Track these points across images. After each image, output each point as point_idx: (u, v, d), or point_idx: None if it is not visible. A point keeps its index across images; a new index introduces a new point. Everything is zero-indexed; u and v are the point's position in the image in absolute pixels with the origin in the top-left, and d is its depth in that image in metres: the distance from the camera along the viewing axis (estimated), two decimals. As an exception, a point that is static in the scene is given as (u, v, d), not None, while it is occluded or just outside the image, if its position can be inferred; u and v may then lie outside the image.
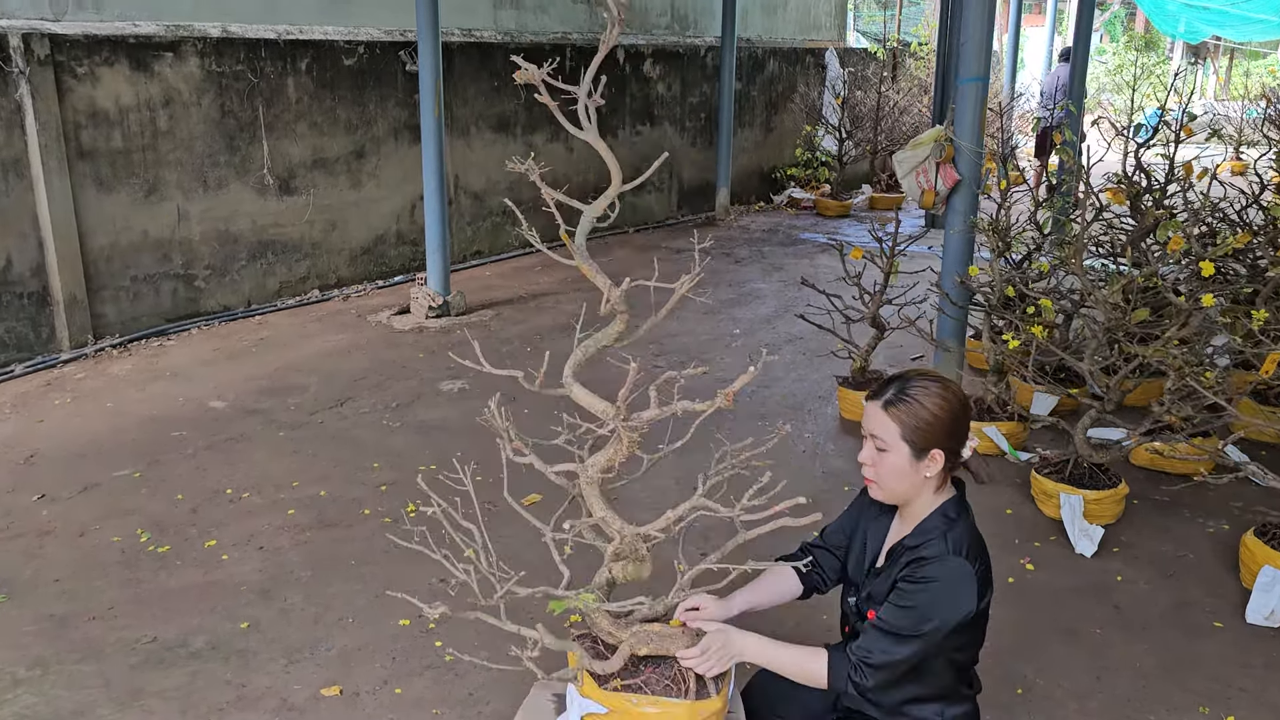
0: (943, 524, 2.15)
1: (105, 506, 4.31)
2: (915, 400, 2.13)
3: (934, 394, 2.13)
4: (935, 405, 2.12)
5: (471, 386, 5.83)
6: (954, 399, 2.16)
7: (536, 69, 2.06)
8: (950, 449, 2.15)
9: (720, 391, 2.14)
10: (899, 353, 6.42)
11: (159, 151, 6.58)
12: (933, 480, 2.17)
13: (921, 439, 2.12)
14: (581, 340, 2.27)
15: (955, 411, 2.15)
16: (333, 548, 4.00)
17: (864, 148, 12.14)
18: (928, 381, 2.18)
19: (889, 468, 2.17)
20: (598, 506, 2.24)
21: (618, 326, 2.21)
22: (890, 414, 2.15)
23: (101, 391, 5.68)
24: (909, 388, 2.16)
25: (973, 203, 5.36)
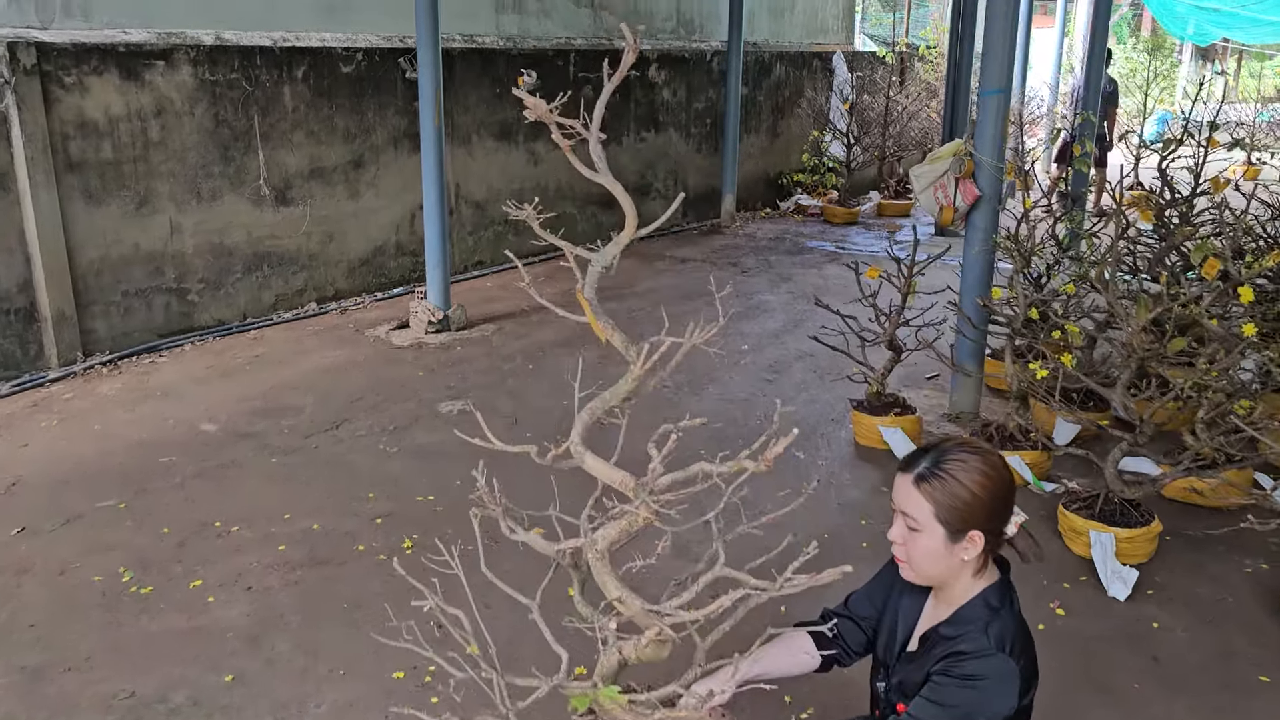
0: (984, 614, 1.95)
1: (88, 541, 4.12)
2: (951, 476, 1.92)
3: (972, 469, 1.93)
4: (974, 482, 1.92)
5: (472, 407, 5.62)
6: (995, 474, 1.95)
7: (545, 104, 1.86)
8: (991, 530, 1.95)
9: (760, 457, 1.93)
10: (913, 370, 6.21)
11: (150, 163, 6.38)
12: (971, 563, 1.97)
13: (958, 519, 1.92)
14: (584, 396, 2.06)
15: (997, 489, 1.94)
16: (324, 588, 3.80)
17: (872, 153, 11.93)
18: (965, 454, 1.97)
19: (922, 549, 1.97)
20: (611, 584, 2.03)
21: (628, 384, 2.01)
22: (923, 491, 1.95)
23: (89, 413, 5.48)
24: (944, 461, 1.95)
25: (994, 220, 5.16)
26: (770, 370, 6.32)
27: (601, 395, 2.03)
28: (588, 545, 2.05)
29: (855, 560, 4.14)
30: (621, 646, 2.12)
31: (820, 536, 4.21)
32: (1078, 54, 18.59)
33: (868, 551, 4.11)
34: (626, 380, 2.01)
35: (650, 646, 2.06)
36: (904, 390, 5.87)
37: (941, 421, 5.44)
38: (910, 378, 6.12)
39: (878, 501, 4.56)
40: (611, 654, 2.11)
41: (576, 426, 2.02)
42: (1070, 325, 4.35)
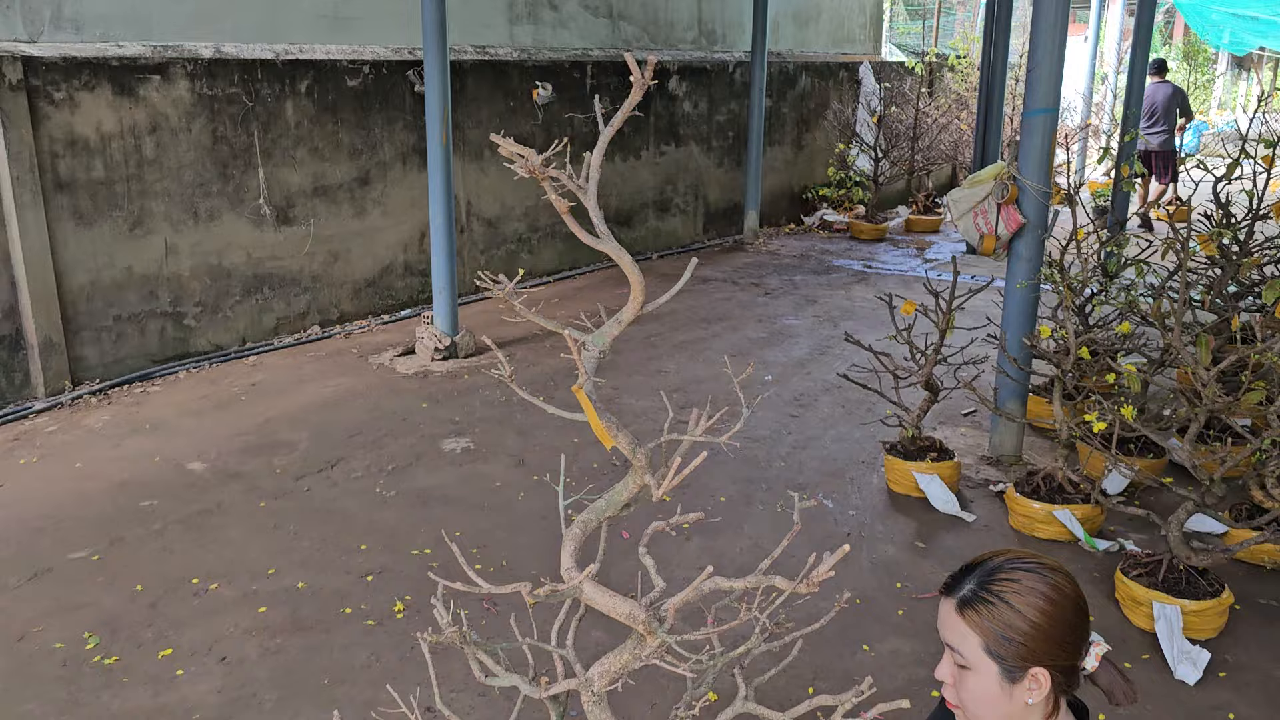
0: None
1: (54, 599, 3.80)
2: (1001, 600, 1.53)
3: (1029, 589, 1.53)
4: (1032, 606, 1.52)
5: (477, 445, 5.28)
6: (1059, 595, 1.54)
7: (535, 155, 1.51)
8: (1060, 666, 1.55)
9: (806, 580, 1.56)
10: (949, 405, 5.81)
11: (145, 181, 6.08)
12: (1039, 706, 1.58)
13: (1015, 655, 1.52)
14: (570, 503, 1.71)
15: (1063, 613, 1.54)
16: (306, 659, 3.46)
17: (900, 166, 11.53)
18: (1019, 570, 1.56)
19: (975, 693, 1.57)
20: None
21: (630, 489, 1.65)
22: (968, 619, 1.55)
23: (72, 448, 5.18)
24: (992, 581, 1.56)
25: (1040, 249, 4.77)
26: (795, 404, 5.95)
27: (595, 504, 1.67)
28: (582, 686, 1.69)
29: (890, 633, 3.79)
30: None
31: (851, 602, 3.82)
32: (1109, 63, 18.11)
33: (904, 621, 3.73)
34: (626, 486, 1.65)
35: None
36: (939, 428, 5.48)
37: (981, 465, 5.05)
38: (945, 413, 5.72)
39: (914, 560, 4.17)
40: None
41: (566, 546, 1.65)
42: (1128, 367, 3.95)
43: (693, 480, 4.85)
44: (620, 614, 1.61)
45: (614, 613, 1.61)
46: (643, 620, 1.60)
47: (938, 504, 4.57)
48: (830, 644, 3.58)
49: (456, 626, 1.85)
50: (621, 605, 1.61)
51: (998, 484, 4.81)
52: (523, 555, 4.10)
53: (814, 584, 1.50)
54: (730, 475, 4.95)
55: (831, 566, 1.52)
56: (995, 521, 4.49)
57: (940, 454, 4.74)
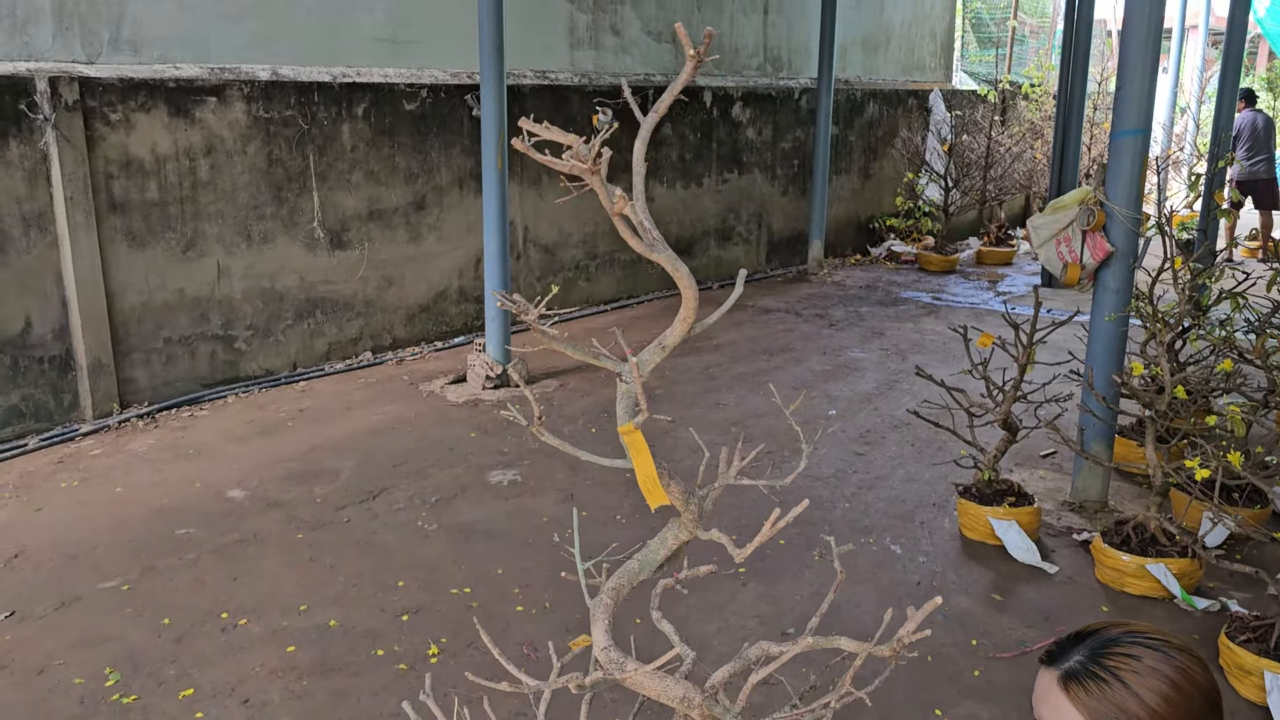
0: None
1: (79, 631, 3.64)
2: (1117, 679, 1.29)
3: (1151, 670, 1.29)
4: (1154, 692, 1.27)
5: (525, 478, 5.07)
6: (1188, 684, 1.29)
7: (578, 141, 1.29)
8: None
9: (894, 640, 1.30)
10: (1026, 445, 5.44)
11: (199, 203, 6.02)
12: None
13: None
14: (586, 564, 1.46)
15: (1189, 706, 1.28)
16: (331, 705, 3.24)
17: (971, 196, 11.15)
18: (1141, 647, 1.31)
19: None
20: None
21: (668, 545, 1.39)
22: (1073, 696, 1.31)
23: (114, 472, 5.07)
24: (1108, 656, 1.31)
25: (1129, 280, 4.43)
26: (861, 441, 5.63)
27: (626, 566, 1.42)
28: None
29: (965, 696, 3.45)
30: None
31: (923, 659, 3.50)
32: (1189, 92, 17.50)
33: (980, 682, 3.39)
34: (663, 541, 1.39)
35: None
36: (1015, 470, 5.13)
37: (1063, 511, 4.68)
38: (1022, 454, 5.36)
39: (991, 615, 3.83)
40: None
41: (598, 622, 1.40)
42: (1233, 409, 3.59)
43: (749, 522, 4.57)
44: (673, 699, 1.35)
45: (665, 698, 1.36)
46: (699, 704, 1.33)
47: (1016, 553, 4.22)
48: (899, 708, 3.26)
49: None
50: (674, 689, 1.35)
51: (1082, 532, 4.44)
52: (567, 597, 3.85)
53: (902, 645, 1.24)
54: (791, 525, 4.64)
55: (919, 625, 1.25)
56: (1080, 574, 4.12)
57: (1019, 499, 4.40)
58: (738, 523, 4.54)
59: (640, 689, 1.36)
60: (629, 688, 1.37)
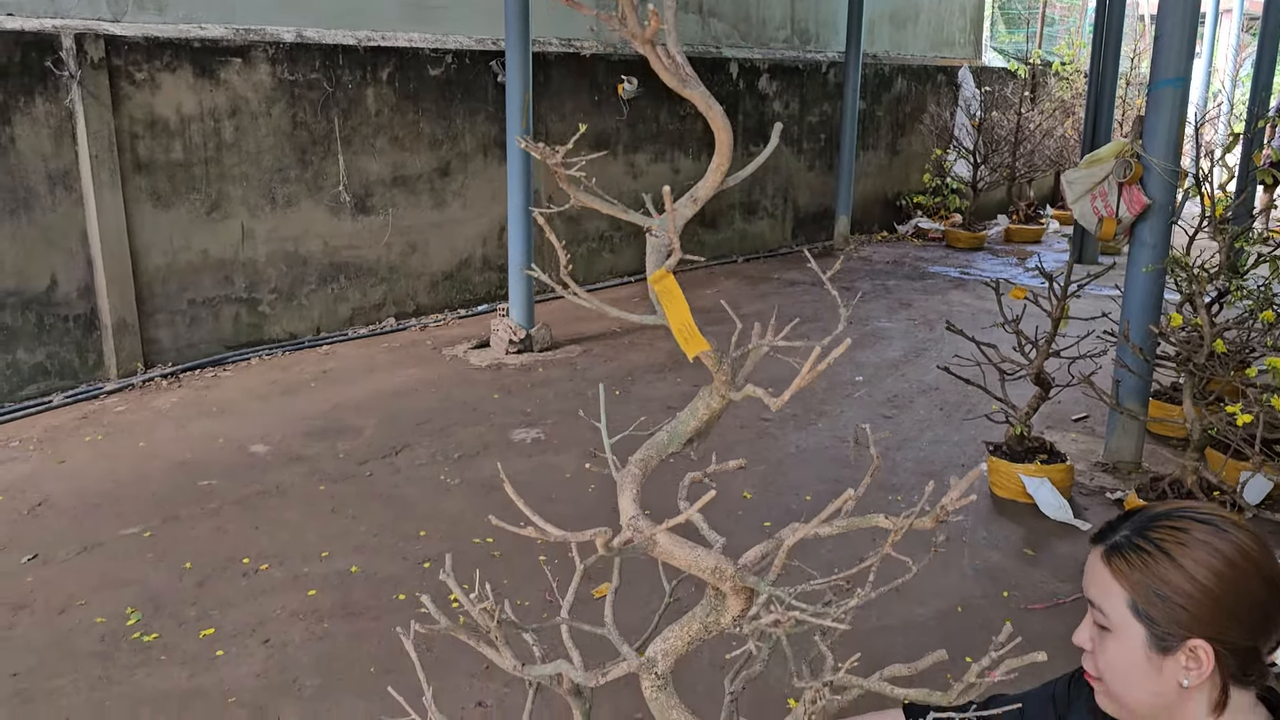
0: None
1: (101, 574, 3.63)
2: (1160, 550, 1.22)
3: (1200, 543, 1.21)
4: (1201, 565, 1.20)
5: (548, 436, 5.02)
6: (1241, 558, 1.21)
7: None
8: (1234, 646, 1.20)
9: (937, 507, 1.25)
10: (1057, 410, 5.35)
11: (223, 165, 6.01)
12: (1199, 693, 1.23)
13: (1169, 618, 1.21)
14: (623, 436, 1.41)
15: (1242, 581, 1.20)
16: (352, 646, 3.21)
17: (1000, 173, 10.99)
18: (1190, 520, 1.24)
19: (1114, 662, 1.27)
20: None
21: (699, 415, 1.33)
22: (1115, 569, 1.25)
23: (138, 428, 5.07)
24: (1153, 529, 1.25)
25: (1166, 234, 4.32)
26: (888, 404, 5.54)
27: (655, 438, 1.37)
28: (643, 669, 1.38)
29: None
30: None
31: (952, 610, 3.43)
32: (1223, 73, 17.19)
33: (1013, 632, 3.30)
34: (694, 412, 1.34)
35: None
36: (1047, 433, 5.03)
37: (1096, 472, 4.58)
38: (1053, 418, 5.26)
39: (1022, 568, 3.75)
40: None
41: (625, 491, 1.35)
42: (1273, 360, 3.48)
43: (777, 477, 4.50)
44: (704, 569, 1.30)
45: (696, 568, 1.30)
46: (731, 576, 1.28)
47: (1048, 510, 4.14)
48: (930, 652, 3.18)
49: (486, 606, 1.55)
50: (706, 559, 1.30)
51: (1115, 491, 4.34)
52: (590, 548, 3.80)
53: (945, 513, 1.18)
54: (817, 474, 4.58)
55: (960, 497, 1.19)
56: (1114, 531, 4.02)
57: (1051, 456, 4.31)
58: (763, 479, 4.48)
59: (670, 559, 1.30)
60: (657, 557, 1.32)
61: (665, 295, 1.24)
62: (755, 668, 1.66)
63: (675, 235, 1.23)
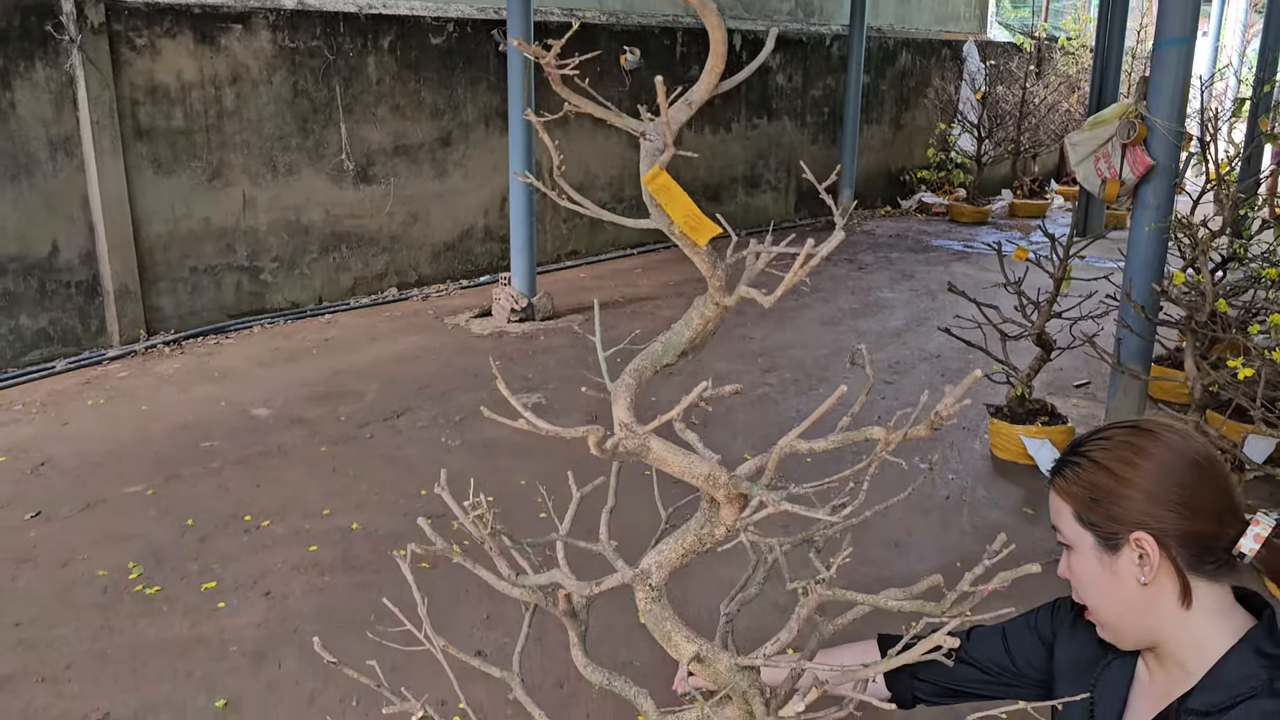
0: (1258, 665, 1.20)
1: (103, 529, 3.65)
2: (1088, 459, 1.27)
3: (1121, 444, 1.25)
4: (1121, 461, 1.24)
5: (550, 400, 5.03)
6: (1163, 450, 1.24)
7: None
8: (1175, 533, 1.22)
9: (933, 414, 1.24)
10: (1059, 377, 5.36)
11: (224, 133, 6.00)
12: (1162, 589, 1.24)
13: (1104, 516, 1.24)
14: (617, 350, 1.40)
15: (1168, 470, 1.23)
16: (352, 598, 3.23)
17: (1005, 147, 10.94)
18: (1115, 429, 1.29)
19: (1081, 578, 1.31)
20: (679, 636, 1.36)
21: (693, 325, 1.33)
22: (1058, 489, 1.31)
23: (140, 392, 5.08)
24: (1084, 443, 1.30)
25: (1169, 196, 4.30)
26: (890, 370, 5.54)
27: (649, 349, 1.36)
28: (637, 580, 1.38)
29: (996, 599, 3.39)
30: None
31: (951, 565, 3.44)
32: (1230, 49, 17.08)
33: (1011, 588, 3.31)
34: (688, 322, 1.33)
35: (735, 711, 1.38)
36: (1049, 399, 5.02)
37: (1096, 434, 4.57)
38: (1055, 385, 5.26)
39: (1022, 526, 3.76)
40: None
41: (619, 399, 1.34)
42: (1276, 317, 3.47)
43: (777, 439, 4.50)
44: (698, 475, 1.30)
45: (689, 474, 1.30)
46: (725, 483, 1.28)
47: (1048, 472, 4.13)
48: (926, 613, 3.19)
49: (480, 517, 1.55)
50: (699, 466, 1.29)
51: (1116, 453, 4.34)
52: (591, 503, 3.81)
53: (940, 419, 1.17)
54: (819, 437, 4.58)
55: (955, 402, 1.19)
56: (1114, 491, 4.03)
57: (1051, 418, 4.31)
58: (763, 441, 4.48)
59: (663, 465, 1.30)
60: (650, 463, 1.32)
61: (663, 192, 1.23)
62: (750, 590, 1.66)
63: (669, 135, 1.22)
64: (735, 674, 1.36)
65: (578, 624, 1.59)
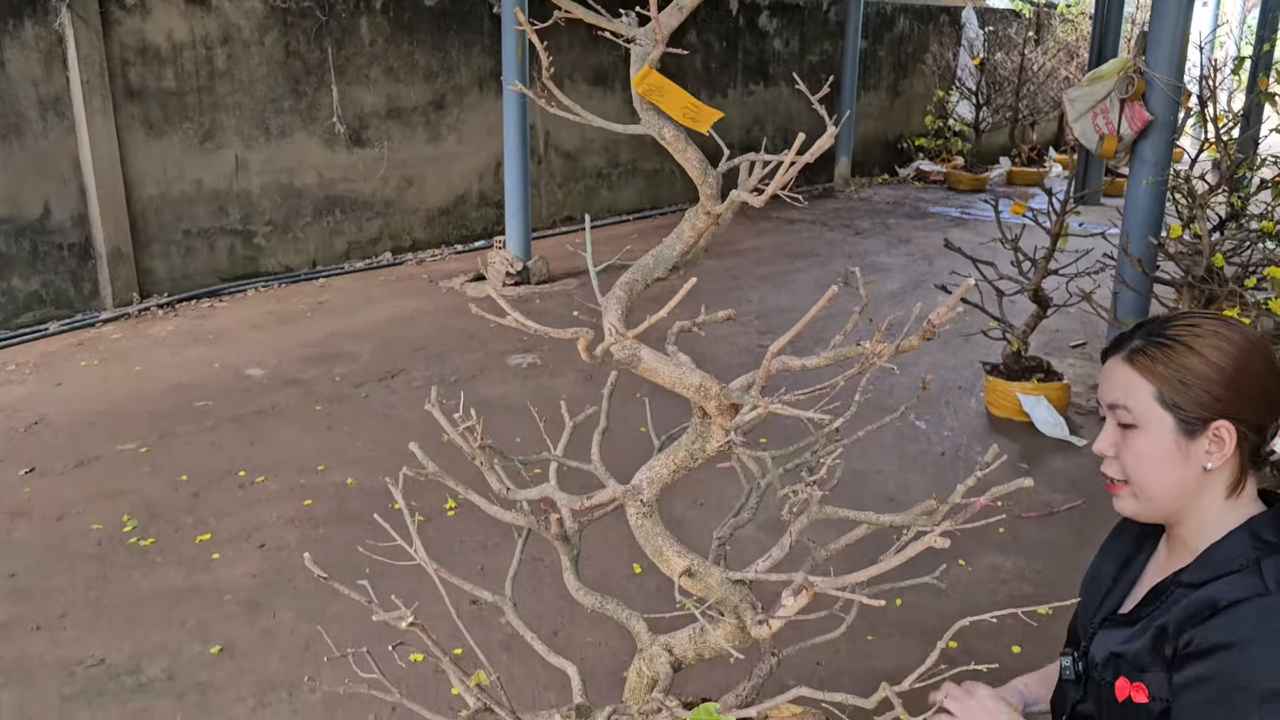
0: (1252, 546, 1.26)
1: (96, 485, 3.64)
2: (1179, 342, 1.29)
3: (1212, 333, 1.29)
4: (1216, 350, 1.27)
5: (544, 361, 5.02)
6: (1248, 344, 1.29)
7: None
8: (1249, 425, 1.27)
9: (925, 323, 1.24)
10: (1055, 338, 5.35)
11: (216, 94, 5.95)
12: (1220, 476, 1.29)
13: (1193, 402, 1.27)
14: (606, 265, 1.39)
15: (1251, 364, 1.27)
16: (347, 550, 3.22)
17: (1003, 115, 10.89)
18: (1199, 318, 1.33)
19: (1142, 455, 1.31)
20: (670, 551, 1.36)
21: (685, 237, 1.32)
22: (1139, 366, 1.31)
23: (134, 354, 5.06)
24: (1169, 327, 1.33)
25: (1168, 151, 4.28)
26: (886, 332, 5.52)
27: (641, 261, 1.36)
28: (628, 495, 1.38)
29: (990, 549, 3.40)
30: (671, 642, 1.44)
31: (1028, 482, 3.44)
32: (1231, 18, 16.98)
33: (1005, 538, 3.33)
34: (679, 234, 1.32)
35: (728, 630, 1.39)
36: (1046, 359, 5.02)
37: (1092, 394, 4.58)
38: (1052, 345, 5.25)
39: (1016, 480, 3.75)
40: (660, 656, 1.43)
41: (610, 310, 1.34)
42: (1274, 270, 3.46)
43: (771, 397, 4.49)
44: (689, 386, 1.29)
45: (680, 385, 1.29)
46: (716, 393, 1.27)
47: (1044, 428, 4.14)
48: (920, 556, 3.20)
49: (472, 433, 1.54)
50: (691, 376, 1.29)
51: (1112, 410, 4.34)
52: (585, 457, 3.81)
53: (933, 327, 1.17)
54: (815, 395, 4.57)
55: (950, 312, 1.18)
56: (1109, 446, 4.03)
57: (1048, 375, 4.30)
58: (759, 399, 4.47)
59: (654, 376, 1.30)
60: (641, 374, 1.31)
61: (655, 90, 1.21)
62: (743, 516, 1.66)
63: (660, 36, 1.20)
64: (726, 588, 1.36)
65: (570, 548, 1.59)
